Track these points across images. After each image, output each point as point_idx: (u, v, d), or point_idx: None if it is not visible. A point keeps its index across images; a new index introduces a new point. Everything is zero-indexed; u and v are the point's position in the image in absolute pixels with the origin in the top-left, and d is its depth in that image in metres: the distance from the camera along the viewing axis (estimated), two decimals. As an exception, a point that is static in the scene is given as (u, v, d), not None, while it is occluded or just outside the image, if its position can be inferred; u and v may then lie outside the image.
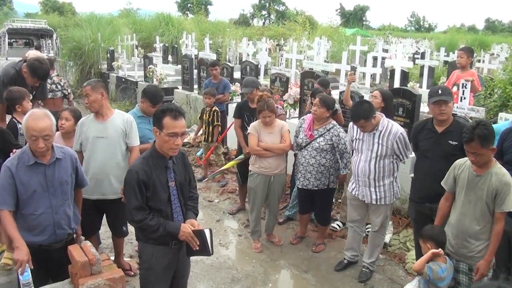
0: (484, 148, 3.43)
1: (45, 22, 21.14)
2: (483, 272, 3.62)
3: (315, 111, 5.23)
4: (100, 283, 3.16)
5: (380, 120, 4.69)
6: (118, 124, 4.46)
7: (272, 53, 18.54)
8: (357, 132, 4.83)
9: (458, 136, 4.26)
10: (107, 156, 4.41)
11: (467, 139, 3.46)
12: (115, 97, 15.17)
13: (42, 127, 3.29)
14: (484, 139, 3.41)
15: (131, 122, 4.53)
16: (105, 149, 4.40)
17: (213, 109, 7.70)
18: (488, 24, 79.74)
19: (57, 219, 3.50)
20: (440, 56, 17.39)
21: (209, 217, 6.69)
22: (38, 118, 3.32)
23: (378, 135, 4.67)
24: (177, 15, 30.47)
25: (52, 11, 43.76)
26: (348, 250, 5.29)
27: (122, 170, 4.35)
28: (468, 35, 33.22)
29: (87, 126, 4.41)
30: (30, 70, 5.34)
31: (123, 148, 4.50)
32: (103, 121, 4.41)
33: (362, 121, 4.56)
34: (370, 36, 33.34)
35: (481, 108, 5.99)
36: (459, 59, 7.49)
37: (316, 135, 5.30)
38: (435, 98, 4.28)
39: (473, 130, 3.45)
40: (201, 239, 3.33)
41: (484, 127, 3.47)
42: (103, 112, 4.41)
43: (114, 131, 4.43)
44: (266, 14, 63.91)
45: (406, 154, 4.75)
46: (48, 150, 3.42)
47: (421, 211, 4.55)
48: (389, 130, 4.65)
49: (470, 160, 3.54)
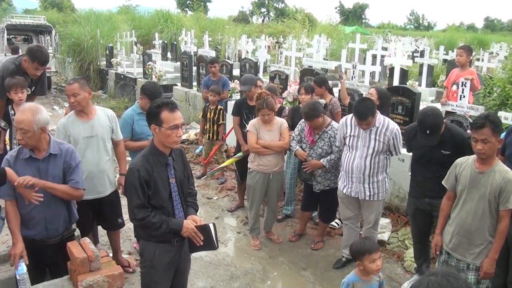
0: (494, 136, 3.44)
1: (44, 18, 21.03)
2: (487, 270, 3.61)
3: (309, 125, 5.26)
4: (99, 279, 3.17)
5: (376, 117, 4.71)
6: (104, 121, 4.48)
7: (271, 51, 18.51)
8: (351, 129, 4.83)
9: (451, 145, 4.27)
10: (99, 155, 4.44)
11: (479, 125, 3.45)
12: (114, 93, 15.16)
13: (19, 120, 3.36)
14: (496, 125, 3.45)
15: (115, 117, 4.64)
16: (97, 147, 4.41)
17: (219, 108, 7.66)
18: (487, 23, 79.72)
19: (48, 214, 3.51)
20: (439, 54, 17.40)
21: (208, 214, 6.69)
22: (22, 111, 3.41)
23: (375, 132, 4.69)
24: (176, 12, 30.42)
25: (51, 7, 43.56)
26: (345, 248, 5.28)
27: (112, 164, 4.65)
28: (467, 34, 33.23)
29: (72, 127, 4.32)
30: (29, 55, 5.27)
31: (110, 143, 4.60)
32: (88, 120, 4.37)
33: (370, 118, 4.58)
34: (369, 34, 33.36)
35: (480, 106, 6.00)
36: (458, 57, 7.50)
37: (316, 138, 5.31)
38: (423, 139, 4.29)
39: (485, 117, 3.49)
40: (206, 234, 3.32)
41: (496, 116, 3.57)
42: (87, 110, 4.38)
43: (102, 129, 4.45)
44: (265, 11, 63.82)
45: (399, 150, 4.82)
46: (29, 145, 3.43)
47: (420, 207, 4.55)
48: (386, 126, 4.69)
49: (477, 150, 3.50)
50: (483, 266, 3.63)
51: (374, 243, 3.58)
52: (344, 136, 4.92)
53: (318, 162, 5.22)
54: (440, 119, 4.31)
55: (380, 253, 3.51)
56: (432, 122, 4.18)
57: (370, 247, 3.43)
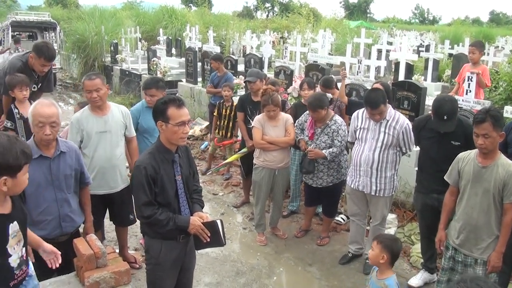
0: (495, 130, 3.43)
1: (49, 15, 21.04)
2: (495, 264, 3.60)
3: (312, 116, 5.24)
4: (106, 276, 3.17)
5: (388, 110, 4.69)
6: (118, 117, 4.51)
7: (276, 46, 18.45)
8: (362, 121, 4.83)
9: (461, 136, 4.26)
10: (111, 150, 4.45)
11: (480, 119, 3.46)
12: (119, 90, 15.16)
13: (50, 113, 3.35)
14: (497, 120, 3.44)
15: (129, 114, 4.68)
16: (109, 143, 4.42)
17: (234, 104, 7.37)
18: (492, 17, 79.16)
19: (62, 212, 3.52)
20: (445, 49, 17.27)
21: (213, 210, 6.69)
22: (45, 105, 3.41)
23: (385, 125, 4.67)
24: (180, 7, 30.34)
25: (56, 4, 43.68)
26: (352, 243, 5.29)
27: (124, 160, 4.71)
28: (473, 28, 32.92)
29: (86, 121, 4.35)
30: (36, 51, 5.28)
31: (123, 139, 4.62)
32: (102, 115, 4.40)
33: (382, 106, 4.57)
34: (374, 28, 33.14)
35: (486, 101, 5.97)
36: (471, 55, 7.33)
37: (318, 132, 5.29)
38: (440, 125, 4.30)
39: (486, 111, 3.48)
40: (214, 230, 3.32)
41: (497, 110, 3.57)
42: (102, 106, 4.41)
43: (115, 125, 4.47)
44: (269, 6, 63.60)
45: (409, 147, 4.76)
46: (54, 140, 3.44)
47: (428, 203, 4.54)
48: (396, 119, 4.67)
49: (479, 144, 3.50)
50: (490, 260, 3.62)
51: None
52: (355, 129, 4.91)
53: (321, 152, 5.20)
54: (457, 105, 4.40)
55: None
56: (449, 107, 4.24)
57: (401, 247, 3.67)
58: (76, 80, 17.33)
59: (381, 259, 3.45)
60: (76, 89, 16.63)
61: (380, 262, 3.47)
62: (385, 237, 3.60)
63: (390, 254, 3.45)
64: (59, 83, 17.49)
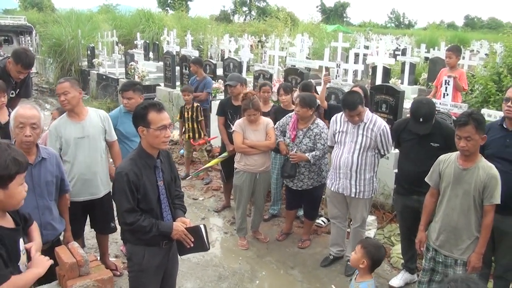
0: (478, 133, 3.49)
1: (25, 19, 20.82)
2: (475, 264, 3.67)
3: (298, 112, 5.24)
4: (89, 284, 3.13)
5: (365, 112, 4.75)
6: (97, 122, 4.45)
7: (254, 50, 18.51)
8: (340, 125, 4.88)
9: (440, 138, 4.34)
10: (91, 156, 4.39)
11: (462, 122, 3.51)
12: (96, 94, 15.02)
13: (30, 115, 3.36)
14: (479, 123, 3.50)
15: (108, 118, 4.62)
16: (88, 148, 4.36)
17: (195, 106, 7.64)
18: (467, 21, 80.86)
19: (43, 220, 3.47)
20: (421, 52, 17.57)
21: (194, 215, 6.66)
22: (27, 108, 3.43)
23: (363, 127, 4.73)
24: (157, 11, 30.24)
25: (31, 7, 42.97)
26: (333, 246, 5.33)
27: (105, 165, 4.57)
28: (448, 32, 33.49)
29: (64, 128, 4.30)
30: (14, 57, 5.20)
31: (103, 144, 4.55)
32: (80, 120, 4.34)
33: (359, 107, 4.62)
34: (350, 32, 33.51)
35: (463, 104, 6.09)
36: (448, 59, 7.48)
37: (300, 135, 5.32)
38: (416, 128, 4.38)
39: (469, 115, 3.54)
40: (197, 235, 3.32)
41: (479, 113, 3.64)
42: (78, 111, 4.35)
43: (94, 130, 4.41)
44: (247, 10, 63.78)
45: (387, 149, 4.82)
46: (34, 146, 3.41)
47: (409, 204, 4.60)
48: (374, 122, 4.74)
49: (461, 147, 3.55)
50: (470, 261, 3.69)
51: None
52: (334, 133, 4.96)
53: (304, 155, 5.24)
54: (433, 108, 4.45)
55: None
56: (426, 110, 4.31)
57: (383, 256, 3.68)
58: (52, 85, 17.07)
59: (361, 264, 3.52)
60: (52, 94, 16.35)
61: (360, 266, 3.54)
62: (370, 243, 3.65)
63: (370, 261, 3.51)
64: (35, 88, 17.20)
